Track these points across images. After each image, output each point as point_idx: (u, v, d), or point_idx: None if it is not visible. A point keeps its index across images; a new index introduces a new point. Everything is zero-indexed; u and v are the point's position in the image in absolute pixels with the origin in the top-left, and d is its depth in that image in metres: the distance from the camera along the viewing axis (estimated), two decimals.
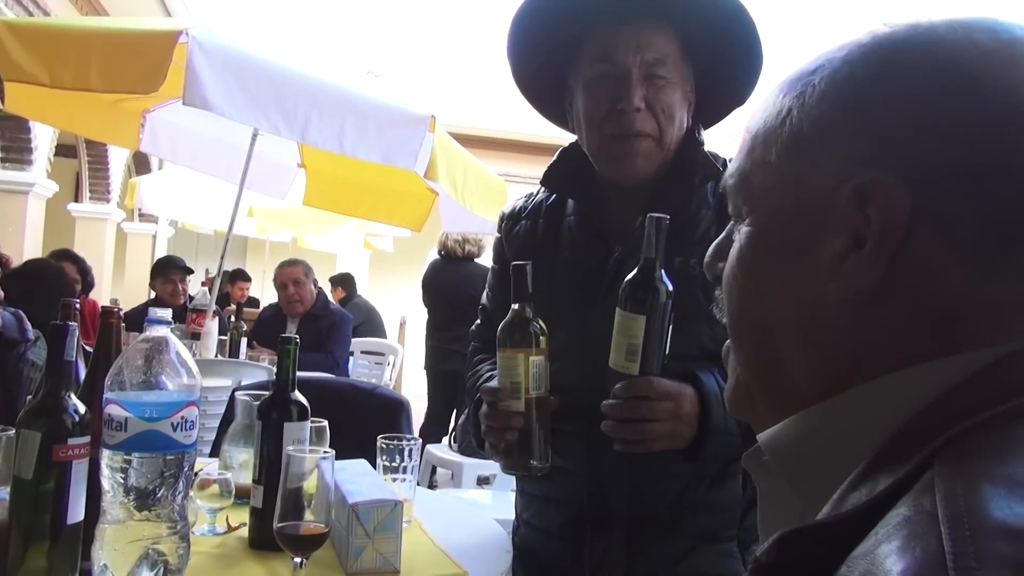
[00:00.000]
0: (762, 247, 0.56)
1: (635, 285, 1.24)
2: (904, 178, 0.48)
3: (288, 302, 4.84)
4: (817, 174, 0.52)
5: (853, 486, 0.46)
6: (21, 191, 6.82)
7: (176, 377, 1.16)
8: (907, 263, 0.49)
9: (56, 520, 1.08)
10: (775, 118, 0.55)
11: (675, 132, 1.37)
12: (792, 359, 0.55)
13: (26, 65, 3.22)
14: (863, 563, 0.39)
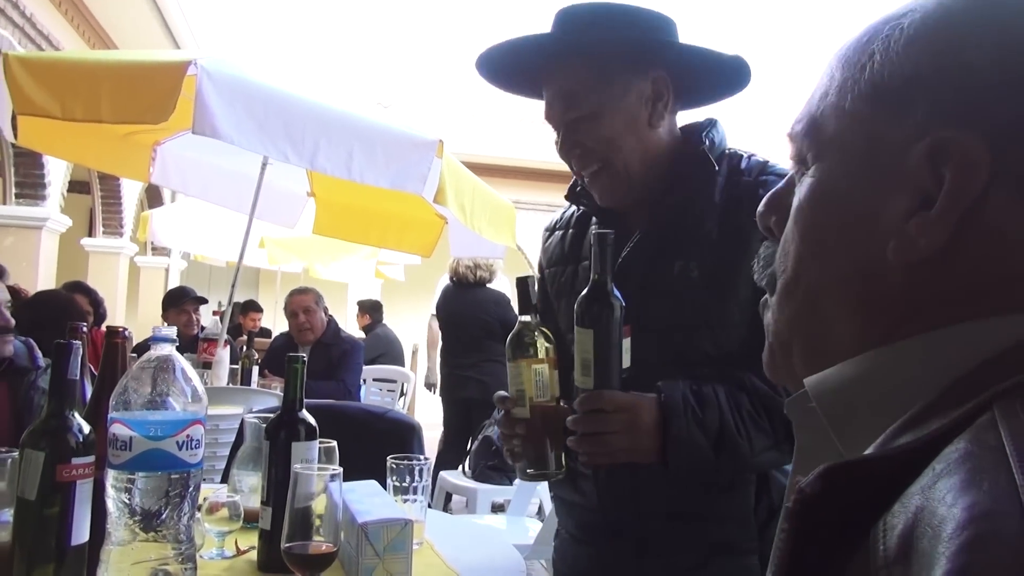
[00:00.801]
0: (825, 199, 0.53)
1: (585, 301, 1.27)
2: (988, 138, 0.45)
3: (299, 330, 4.84)
4: (893, 126, 0.49)
5: (900, 431, 0.43)
6: (35, 226, 6.88)
7: (181, 396, 1.15)
8: (976, 228, 0.46)
9: (60, 542, 1.07)
10: (856, 62, 0.52)
11: (630, 151, 1.36)
12: (839, 318, 0.52)
13: (38, 99, 3.26)
14: (919, 499, 0.36)
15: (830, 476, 0.40)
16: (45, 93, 3.25)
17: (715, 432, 1.25)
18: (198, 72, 3.03)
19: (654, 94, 1.35)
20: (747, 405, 1.27)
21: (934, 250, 0.47)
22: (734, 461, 1.27)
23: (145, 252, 10.22)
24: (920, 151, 0.47)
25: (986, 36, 0.47)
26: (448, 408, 5.27)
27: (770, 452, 1.27)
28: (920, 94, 0.48)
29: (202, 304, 5.39)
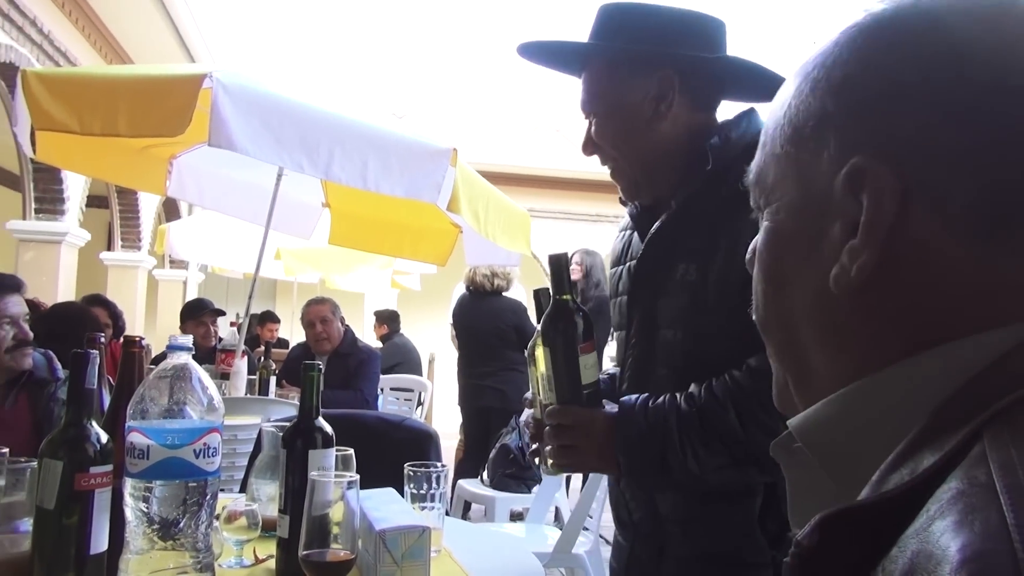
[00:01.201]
0: (777, 241, 0.56)
1: (546, 320, 1.33)
2: (893, 161, 0.47)
3: (316, 340, 4.85)
4: (818, 162, 0.51)
5: (894, 466, 0.43)
6: (54, 240, 6.94)
7: (198, 404, 1.15)
8: (905, 248, 0.48)
9: (79, 551, 1.07)
10: (780, 109, 0.55)
11: (632, 150, 1.40)
12: (814, 352, 0.54)
13: (56, 114, 3.29)
14: (915, 542, 0.36)
15: (826, 526, 0.41)
16: (63, 108, 3.28)
17: (659, 449, 1.29)
18: (213, 85, 3.05)
19: (658, 92, 1.37)
20: (696, 423, 1.28)
21: (867, 275, 0.48)
22: (684, 477, 1.29)
23: (163, 265, 10.30)
24: (840, 181, 0.49)
25: (873, 71, 0.50)
26: (466, 417, 5.27)
27: (727, 471, 1.27)
28: (830, 129, 0.51)
29: (220, 316, 5.41)
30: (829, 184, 0.50)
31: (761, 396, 1.23)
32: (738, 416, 1.25)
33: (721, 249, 1.31)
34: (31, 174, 6.81)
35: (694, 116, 1.40)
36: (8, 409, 2.35)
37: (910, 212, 0.47)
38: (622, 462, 1.30)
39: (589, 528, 3.32)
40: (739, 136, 1.37)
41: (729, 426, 1.25)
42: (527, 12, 7.80)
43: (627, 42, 1.38)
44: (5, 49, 5.67)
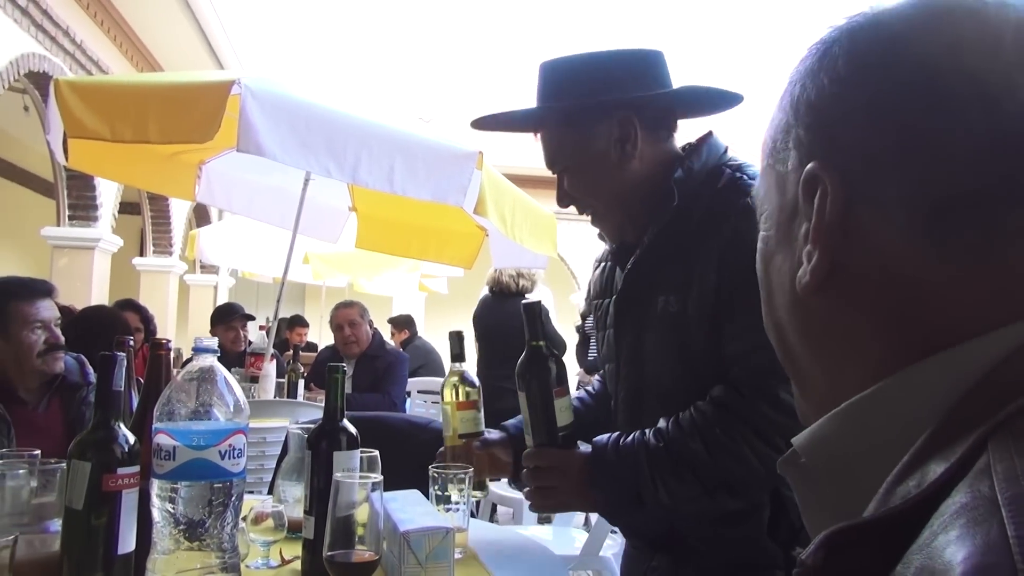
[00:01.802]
0: (765, 250, 0.59)
1: (521, 366, 1.44)
2: (838, 167, 0.50)
3: (344, 343, 4.88)
4: (787, 172, 0.54)
5: (900, 478, 0.43)
6: (88, 246, 7.06)
7: (224, 406, 1.16)
8: (857, 251, 0.49)
9: (108, 551, 1.08)
10: (768, 126, 0.59)
11: (609, 194, 1.45)
12: (803, 360, 0.56)
13: (88, 121, 3.34)
14: (919, 558, 0.36)
15: (830, 543, 0.40)
16: (95, 116, 3.33)
17: (632, 484, 1.33)
18: (242, 91, 3.08)
19: (621, 135, 1.41)
20: (664, 456, 1.32)
21: (820, 277, 0.50)
22: (658, 509, 1.34)
23: (194, 270, 10.43)
24: (800, 188, 0.52)
25: (817, 81, 0.53)
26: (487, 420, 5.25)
27: (700, 499, 1.32)
28: (793, 140, 0.54)
29: (249, 321, 5.46)
30: (795, 192, 0.53)
31: (724, 424, 1.29)
32: (704, 445, 1.30)
33: (696, 276, 1.35)
34: (65, 181, 6.93)
35: (659, 148, 1.44)
36: (41, 413, 2.38)
37: (857, 213, 0.49)
38: (599, 499, 1.37)
39: (616, 531, 3.31)
40: (701, 165, 1.42)
41: (697, 456, 1.30)
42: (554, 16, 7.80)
43: (578, 96, 1.40)
44: (39, 59, 5.77)
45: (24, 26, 5.54)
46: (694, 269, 1.34)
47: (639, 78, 1.41)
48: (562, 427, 1.40)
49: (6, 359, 2.30)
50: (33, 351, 2.29)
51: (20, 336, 2.28)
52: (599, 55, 1.42)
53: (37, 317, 2.30)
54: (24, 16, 5.50)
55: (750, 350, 1.28)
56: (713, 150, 1.45)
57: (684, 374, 1.36)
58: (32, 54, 5.67)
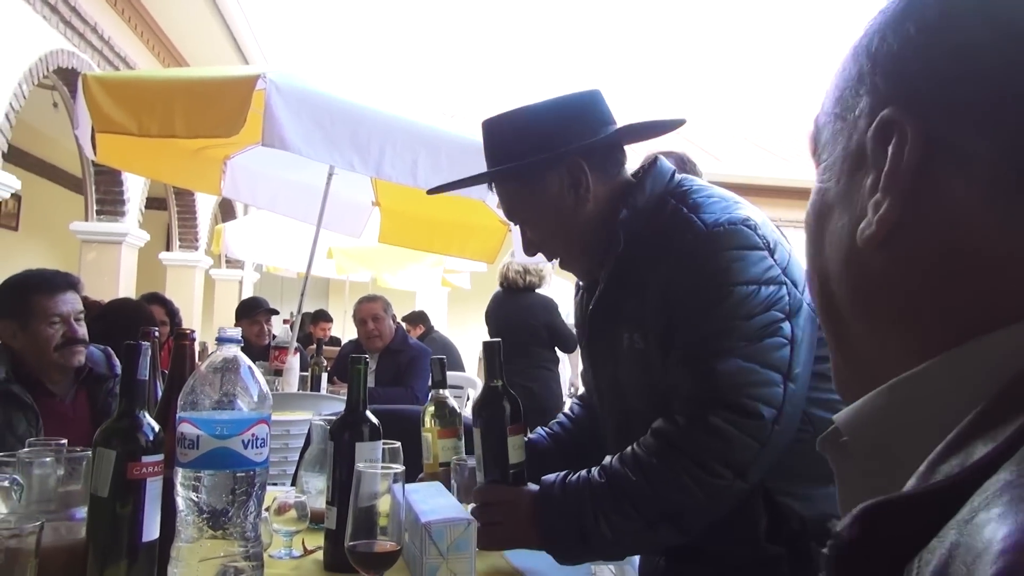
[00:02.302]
0: (821, 201, 0.56)
1: (478, 404, 1.49)
2: (919, 115, 0.47)
3: (368, 337, 4.89)
4: (856, 121, 0.52)
5: (943, 457, 0.41)
6: (115, 241, 7.14)
7: (247, 395, 1.16)
8: (929, 204, 0.47)
9: (132, 539, 1.09)
10: (835, 74, 0.56)
11: (569, 238, 1.49)
12: (848, 315, 0.53)
13: (115, 116, 3.38)
14: (955, 533, 0.35)
15: (866, 517, 0.39)
16: (122, 111, 3.36)
17: (576, 520, 1.35)
18: (267, 86, 3.10)
19: (572, 181, 1.44)
20: (606, 491, 1.35)
21: (887, 228, 0.48)
22: (601, 544, 1.35)
23: (219, 265, 10.52)
24: (871, 134, 0.50)
25: (903, 27, 0.50)
26: None
27: (643, 534, 1.34)
28: (865, 87, 0.51)
29: (273, 315, 5.50)
30: (863, 140, 0.50)
31: (661, 454, 1.32)
32: (645, 477, 1.32)
33: (651, 306, 1.38)
34: (93, 177, 7.01)
35: (610, 184, 1.47)
36: (69, 404, 2.41)
37: (935, 167, 0.46)
38: (545, 536, 1.38)
39: None
40: (645, 201, 1.44)
41: (637, 488, 1.32)
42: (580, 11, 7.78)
43: (523, 153, 1.43)
44: (67, 55, 5.84)
45: (53, 23, 5.60)
46: (647, 299, 1.39)
47: (580, 122, 1.44)
48: (513, 465, 1.45)
49: (27, 352, 2.33)
50: (50, 344, 2.31)
51: (38, 329, 2.30)
52: (538, 107, 1.45)
53: (55, 311, 2.32)
54: (53, 13, 5.56)
55: (680, 381, 1.34)
56: (658, 179, 1.47)
57: (661, 403, 1.38)
58: (60, 50, 5.74)
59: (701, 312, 1.33)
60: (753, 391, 1.29)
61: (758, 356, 1.30)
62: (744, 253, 1.33)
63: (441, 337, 7.20)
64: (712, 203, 1.40)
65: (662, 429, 1.34)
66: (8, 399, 2.25)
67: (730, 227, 1.35)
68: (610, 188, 1.47)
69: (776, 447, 1.31)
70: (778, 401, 1.29)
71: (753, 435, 1.29)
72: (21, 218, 9.85)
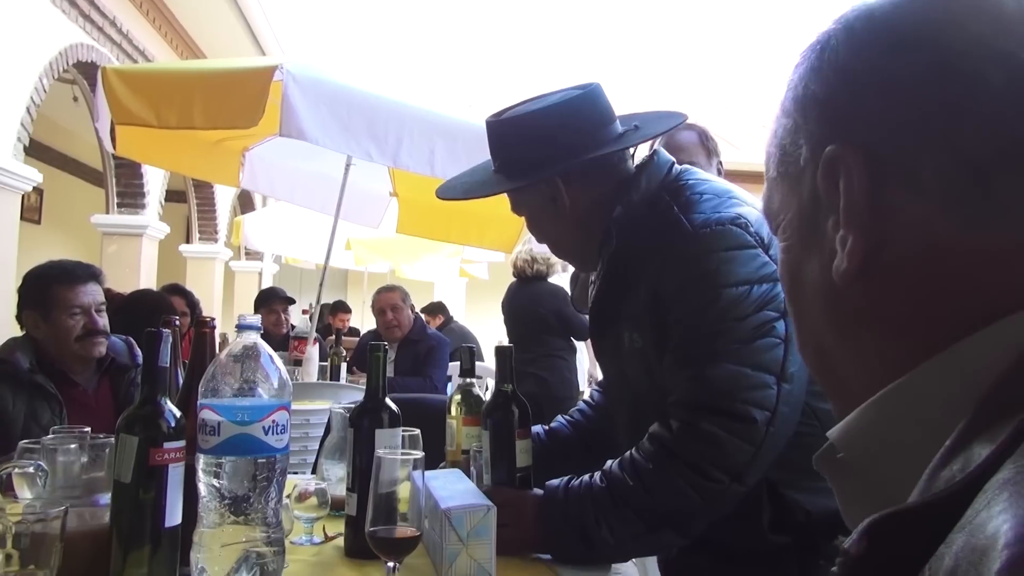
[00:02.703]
0: (788, 259, 0.57)
1: (487, 407, 1.53)
2: (859, 144, 0.49)
3: (386, 328, 4.91)
4: (802, 171, 0.53)
5: (943, 462, 0.42)
6: (136, 233, 7.20)
7: (267, 382, 1.17)
8: (892, 228, 0.48)
9: (155, 524, 1.10)
10: (770, 139, 0.58)
11: (559, 238, 1.56)
12: (839, 359, 0.54)
13: (135, 109, 3.40)
14: (962, 536, 0.35)
15: (873, 531, 0.40)
16: (141, 103, 3.39)
17: (578, 524, 1.36)
18: (284, 77, 3.11)
19: (551, 193, 1.48)
20: (607, 496, 1.36)
21: (859, 260, 0.49)
22: (603, 548, 1.37)
23: (239, 257, 10.58)
24: (820, 176, 0.51)
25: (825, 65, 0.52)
26: None
27: (644, 537, 1.35)
28: (803, 136, 0.53)
29: (290, 304, 5.53)
30: (814, 186, 0.52)
31: (656, 459, 1.34)
32: (642, 482, 1.33)
33: (644, 305, 1.40)
34: (113, 170, 7.07)
35: (594, 193, 1.48)
36: (92, 394, 2.44)
37: (887, 190, 0.48)
38: (548, 539, 1.39)
39: None
40: (640, 196, 1.45)
41: (635, 493, 1.34)
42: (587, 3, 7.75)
43: (508, 163, 1.49)
44: (87, 49, 5.88)
45: (72, 17, 5.64)
46: (642, 297, 1.40)
47: (570, 136, 1.44)
48: (520, 468, 1.48)
49: (49, 342, 2.35)
50: (71, 335, 2.33)
51: (59, 320, 2.33)
52: (537, 113, 1.46)
53: (76, 302, 2.34)
54: (72, 7, 5.60)
55: (673, 386, 1.35)
56: (654, 174, 1.47)
57: (664, 399, 1.38)
58: (80, 44, 5.77)
59: (691, 316, 1.34)
60: (745, 395, 1.29)
61: (750, 358, 1.30)
62: (734, 254, 1.32)
63: (460, 327, 7.22)
64: (704, 201, 1.39)
65: (657, 434, 1.36)
66: (33, 389, 2.28)
67: (718, 228, 1.34)
68: (594, 196, 1.48)
69: (773, 447, 1.31)
70: (771, 403, 1.29)
71: (746, 439, 1.29)
72: (43, 212, 9.95)
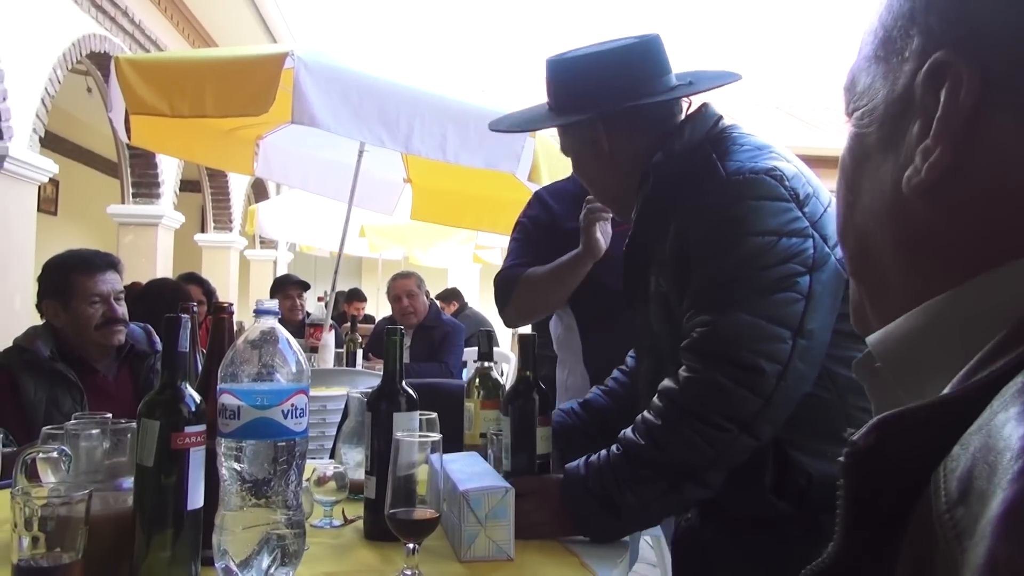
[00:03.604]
0: (860, 147, 0.54)
1: (509, 394, 1.54)
2: (975, 57, 0.45)
3: (402, 314, 4.92)
4: (903, 63, 0.50)
5: (969, 376, 0.42)
6: (151, 223, 7.24)
7: (285, 366, 1.18)
8: (981, 150, 0.45)
9: (177, 507, 1.11)
10: (875, 12, 0.54)
11: (598, 183, 1.62)
12: (888, 264, 0.52)
13: (148, 98, 3.42)
14: (978, 437, 0.35)
15: (883, 427, 0.40)
16: (154, 92, 3.40)
17: (600, 495, 1.36)
18: (295, 63, 3.11)
19: (591, 137, 1.52)
20: (624, 461, 1.36)
21: (937, 175, 0.46)
22: (631, 513, 1.37)
23: (254, 245, 10.62)
24: (921, 78, 0.48)
25: None
26: None
27: (668, 495, 1.35)
28: (916, 28, 0.49)
29: (305, 289, 5.55)
30: (911, 84, 0.48)
31: (666, 415, 1.34)
32: (654, 441, 1.34)
33: (671, 250, 1.40)
34: (128, 160, 7.10)
35: (639, 140, 1.50)
36: (112, 381, 2.46)
37: (990, 112, 0.45)
38: (577, 518, 1.39)
39: None
40: (683, 145, 1.45)
41: (649, 453, 1.34)
42: None
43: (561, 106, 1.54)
44: (99, 39, 5.90)
45: (85, 7, 5.66)
46: (668, 251, 1.41)
47: (618, 83, 1.47)
48: (540, 455, 1.50)
49: (69, 330, 2.37)
50: (91, 323, 2.35)
51: (79, 308, 2.35)
52: (592, 56, 1.51)
53: (95, 291, 2.36)
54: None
55: (687, 332, 1.35)
56: (699, 126, 1.47)
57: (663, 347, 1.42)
58: (93, 35, 5.79)
59: (712, 261, 1.34)
60: (756, 346, 1.28)
61: (766, 310, 1.29)
62: (764, 204, 1.32)
63: (475, 313, 7.23)
64: (742, 151, 1.40)
65: (665, 388, 1.36)
66: (54, 377, 2.30)
67: (751, 176, 1.34)
68: (643, 140, 1.49)
69: (785, 402, 1.30)
70: (783, 357, 1.28)
71: (752, 389, 1.28)
72: (59, 203, 10.02)
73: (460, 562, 1.30)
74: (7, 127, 4.84)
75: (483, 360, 1.78)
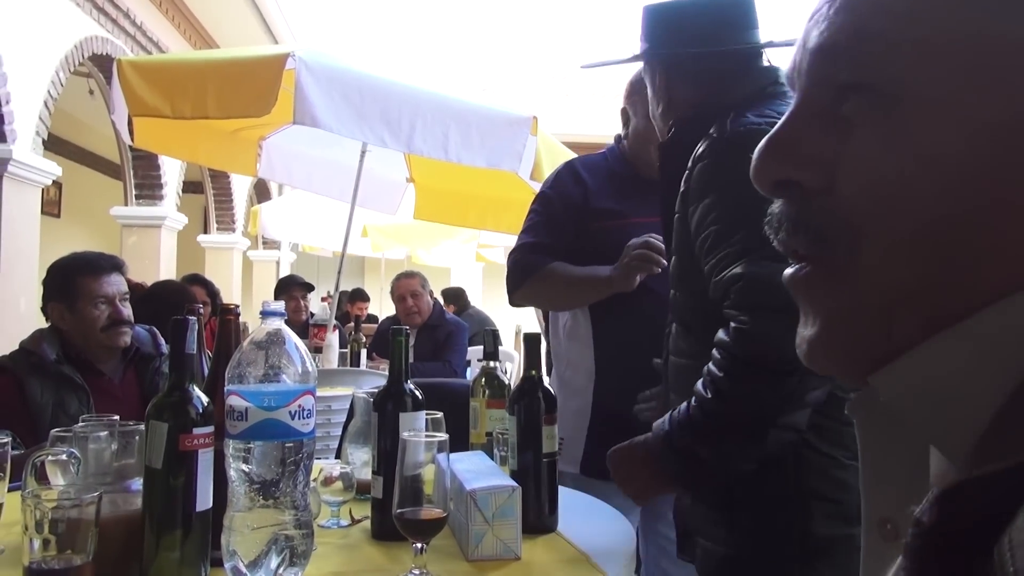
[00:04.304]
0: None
1: (515, 392, 1.55)
2: None
3: (407, 314, 4.92)
4: None
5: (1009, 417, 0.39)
6: (154, 224, 7.25)
7: (292, 367, 1.18)
8: None
9: (186, 508, 1.12)
10: None
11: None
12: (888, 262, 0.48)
13: (150, 100, 3.42)
14: None
15: (944, 501, 0.38)
16: (156, 94, 3.40)
17: (690, 454, 1.35)
18: (296, 64, 3.11)
19: (650, 80, 1.62)
20: (700, 418, 1.33)
21: None
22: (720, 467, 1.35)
23: (256, 246, 10.63)
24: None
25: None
26: None
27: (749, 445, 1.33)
28: None
29: (310, 291, 5.55)
30: None
31: (724, 367, 1.30)
32: (719, 394, 1.30)
33: (687, 200, 1.42)
34: (131, 162, 7.11)
35: (695, 90, 1.54)
36: (117, 383, 2.46)
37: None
38: (669, 478, 1.40)
39: None
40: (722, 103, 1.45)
41: (717, 405, 1.31)
42: None
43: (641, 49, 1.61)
44: (101, 41, 5.90)
45: (87, 9, 5.66)
46: (687, 202, 1.43)
47: (683, 34, 1.54)
48: (546, 454, 1.51)
49: (75, 333, 2.38)
50: (96, 325, 2.36)
51: (85, 310, 2.35)
52: (671, 5, 1.59)
53: (101, 292, 2.37)
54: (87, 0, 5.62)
55: (723, 293, 1.32)
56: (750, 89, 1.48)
57: (692, 303, 1.43)
58: (95, 37, 5.80)
59: (712, 212, 1.35)
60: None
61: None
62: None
63: (478, 312, 7.23)
64: (763, 107, 1.40)
65: (720, 341, 1.32)
66: (60, 379, 2.31)
67: (752, 127, 1.33)
68: (702, 91, 1.54)
69: None
70: None
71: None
72: (63, 205, 10.03)
73: (468, 561, 1.30)
74: (10, 130, 4.84)
75: (488, 359, 1.78)
